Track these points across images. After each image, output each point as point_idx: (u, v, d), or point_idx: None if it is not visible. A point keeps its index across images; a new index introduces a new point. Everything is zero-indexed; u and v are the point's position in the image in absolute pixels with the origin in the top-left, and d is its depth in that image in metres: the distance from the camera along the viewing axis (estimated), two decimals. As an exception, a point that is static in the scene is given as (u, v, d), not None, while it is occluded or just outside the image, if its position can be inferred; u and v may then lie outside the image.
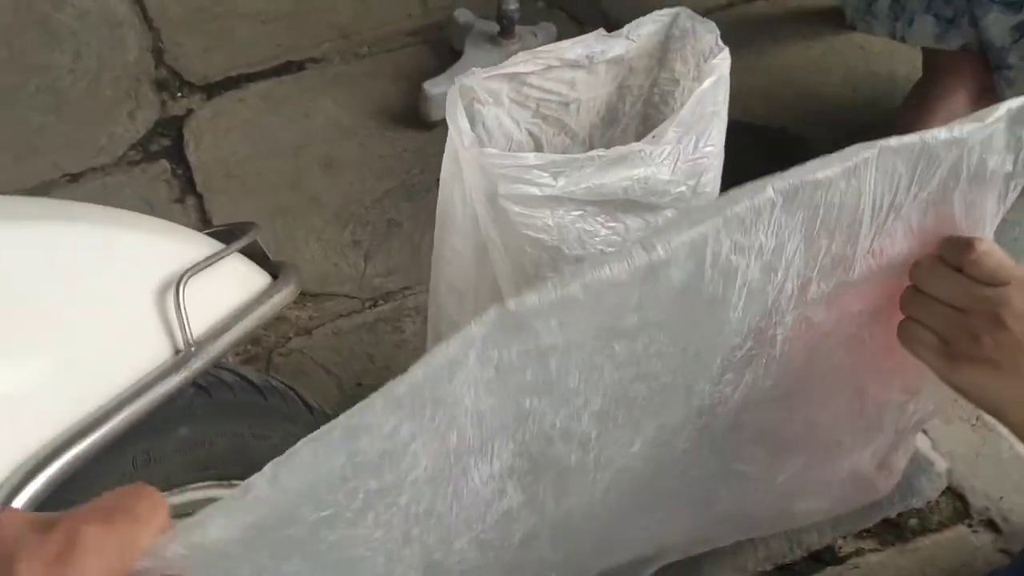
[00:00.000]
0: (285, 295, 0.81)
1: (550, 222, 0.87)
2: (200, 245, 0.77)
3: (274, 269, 0.85)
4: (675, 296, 0.66)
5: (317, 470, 0.56)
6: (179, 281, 0.70)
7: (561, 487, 0.76)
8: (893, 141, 0.71)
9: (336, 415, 0.58)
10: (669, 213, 0.93)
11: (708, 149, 0.91)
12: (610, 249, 0.92)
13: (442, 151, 0.97)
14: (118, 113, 1.73)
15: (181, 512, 0.85)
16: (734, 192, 0.66)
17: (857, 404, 0.90)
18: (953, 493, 1.26)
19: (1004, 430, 0.83)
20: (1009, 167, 0.76)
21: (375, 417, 0.56)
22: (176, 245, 0.75)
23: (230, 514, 0.54)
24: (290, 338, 1.42)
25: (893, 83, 1.72)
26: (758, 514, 1.03)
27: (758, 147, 1.72)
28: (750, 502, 0.99)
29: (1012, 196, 0.77)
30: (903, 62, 1.72)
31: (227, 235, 0.83)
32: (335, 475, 0.57)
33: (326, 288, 1.48)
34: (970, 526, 1.24)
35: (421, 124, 1.68)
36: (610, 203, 0.89)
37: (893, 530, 1.23)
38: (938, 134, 0.72)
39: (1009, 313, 0.72)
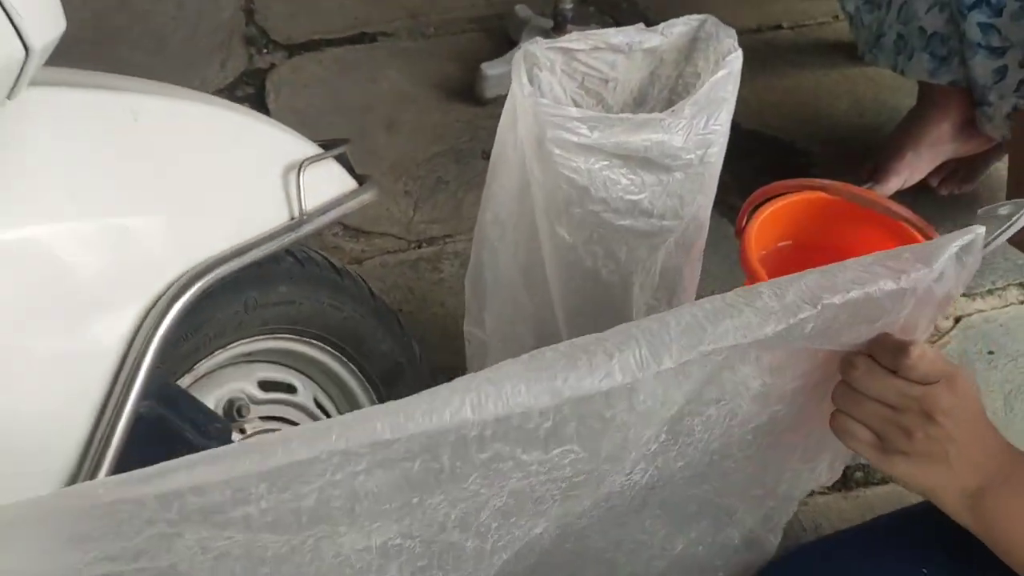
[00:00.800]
0: (370, 195, 1.02)
1: (583, 166, 1.07)
2: (310, 146, 0.99)
3: (359, 179, 1.07)
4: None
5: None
6: (300, 165, 0.92)
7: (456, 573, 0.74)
8: (837, 298, 0.68)
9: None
10: (679, 175, 1.14)
11: (716, 127, 1.10)
12: (629, 196, 1.13)
13: (491, 125, 1.14)
14: (210, 61, 1.95)
15: (270, 358, 1.06)
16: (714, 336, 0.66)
17: (759, 475, 0.91)
18: (895, 457, 1.45)
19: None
20: (956, 289, 0.74)
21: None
22: (296, 141, 0.97)
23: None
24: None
25: (897, 112, 1.82)
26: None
27: (767, 154, 1.91)
28: (648, 569, 0.98)
29: (951, 303, 0.77)
30: (908, 95, 1.79)
31: (323, 147, 1.05)
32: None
33: (377, 227, 1.68)
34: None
35: (474, 100, 1.87)
36: (632, 159, 1.07)
37: (840, 479, 1.41)
38: (884, 285, 0.69)
39: (939, 410, 0.76)
